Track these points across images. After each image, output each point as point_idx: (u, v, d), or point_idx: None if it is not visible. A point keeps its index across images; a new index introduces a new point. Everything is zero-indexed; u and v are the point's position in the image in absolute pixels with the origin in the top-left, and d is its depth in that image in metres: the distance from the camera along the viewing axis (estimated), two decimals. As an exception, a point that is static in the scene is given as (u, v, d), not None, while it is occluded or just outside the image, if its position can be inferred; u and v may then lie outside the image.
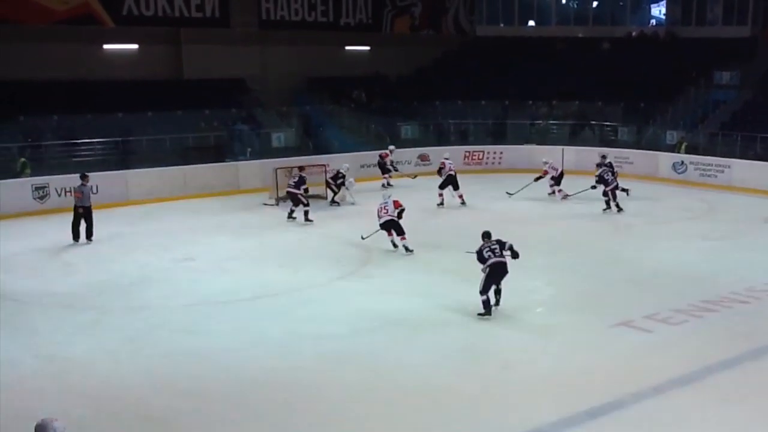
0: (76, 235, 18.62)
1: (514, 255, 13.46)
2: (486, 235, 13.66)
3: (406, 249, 17.40)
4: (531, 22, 38.39)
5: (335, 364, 11.32)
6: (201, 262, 17.16)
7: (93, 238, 18.73)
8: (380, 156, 26.82)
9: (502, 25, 37.93)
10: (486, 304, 13.17)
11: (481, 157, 30.07)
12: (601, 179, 21.94)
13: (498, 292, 13.45)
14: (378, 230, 17.91)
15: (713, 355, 11.56)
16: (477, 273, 14.93)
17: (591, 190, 22.36)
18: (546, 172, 24.01)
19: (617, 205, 21.87)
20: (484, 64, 34.18)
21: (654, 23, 37.61)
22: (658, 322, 12.91)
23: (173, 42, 30.18)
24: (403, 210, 17.84)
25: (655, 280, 15.46)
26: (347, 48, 34.49)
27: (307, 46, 32.09)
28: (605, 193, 21.91)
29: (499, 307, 13.49)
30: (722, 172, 26.01)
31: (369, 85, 33.45)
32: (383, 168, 26.57)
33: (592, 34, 36.41)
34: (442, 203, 23.10)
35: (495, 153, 30.01)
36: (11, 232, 19.97)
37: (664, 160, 27.64)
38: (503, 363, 11.37)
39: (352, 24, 34.25)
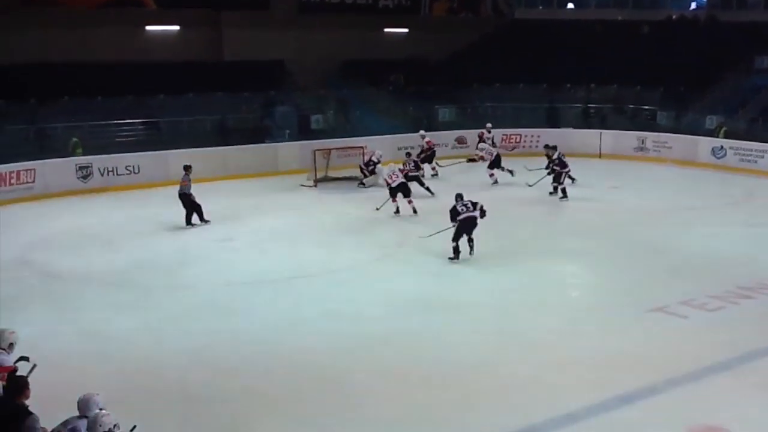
0: (188, 220, 18.91)
1: (482, 214, 15.43)
2: (459, 197, 15.76)
3: (414, 211, 19.32)
4: (570, 5, 38.08)
5: (371, 345, 11.47)
6: (240, 242, 17.43)
7: (206, 217, 19.04)
8: (479, 135, 27.16)
9: (540, 7, 37.71)
10: (455, 250, 15.42)
11: (518, 140, 30.00)
12: (561, 162, 21.74)
13: (470, 241, 15.50)
14: (388, 199, 19.42)
15: (749, 341, 11.51)
16: (509, 257, 15.12)
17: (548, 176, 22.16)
18: (482, 158, 24.07)
19: (563, 190, 21.69)
20: (522, 47, 34.00)
21: (694, 6, 37.11)
22: (694, 308, 12.87)
23: (213, 24, 30.46)
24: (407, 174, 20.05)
25: (692, 265, 15.37)
26: (385, 30, 34.49)
27: (346, 29, 32.16)
28: (557, 177, 21.75)
29: (473, 255, 15.48)
30: (762, 157, 25.65)
31: (407, 68, 33.46)
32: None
33: (631, 17, 36.03)
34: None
35: (532, 136, 29.86)
36: (55, 211, 20.43)
37: (704, 144, 27.35)
38: (538, 346, 11.45)
39: (390, 6, 34.28)
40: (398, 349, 11.33)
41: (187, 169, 19.29)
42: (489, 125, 27.65)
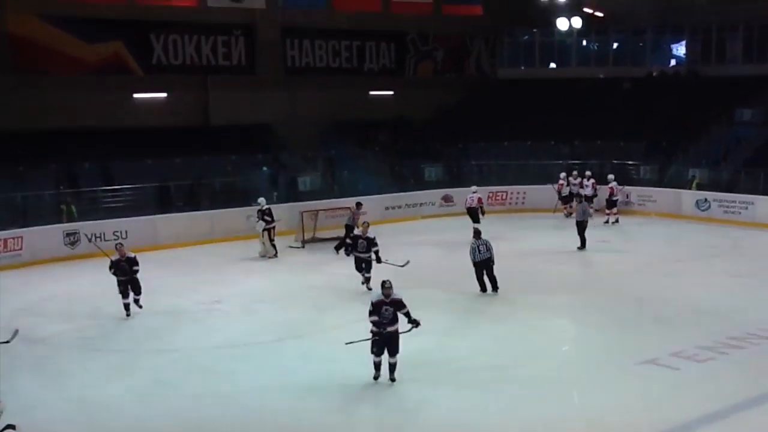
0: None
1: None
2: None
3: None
4: (552, 65, 38.65)
5: (360, 405, 11.42)
6: (228, 304, 17.37)
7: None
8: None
9: (522, 67, 38.23)
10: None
11: (504, 197, 30.18)
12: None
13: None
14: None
15: (740, 392, 11.56)
16: (499, 312, 15.14)
17: None
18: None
19: None
20: (507, 105, 34.37)
21: (674, 62, 37.73)
22: (684, 359, 12.92)
23: (201, 89, 30.74)
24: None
25: (681, 317, 15.46)
26: (371, 93, 34.86)
27: (332, 91, 32.45)
28: None
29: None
30: (746, 208, 25.96)
31: (393, 128, 33.80)
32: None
33: (613, 74, 36.57)
34: None
35: (518, 193, 30.14)
36: (43, 277, 20.36)
37: (687, 197, 27.64)
38: (527, 400, 11.42)
39: (375, 69, 34.67)
40: (387, 408, 11.27)
41: (359, 206, 22.59)
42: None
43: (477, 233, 17.75)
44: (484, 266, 17.22)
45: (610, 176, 27.60)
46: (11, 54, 26.14)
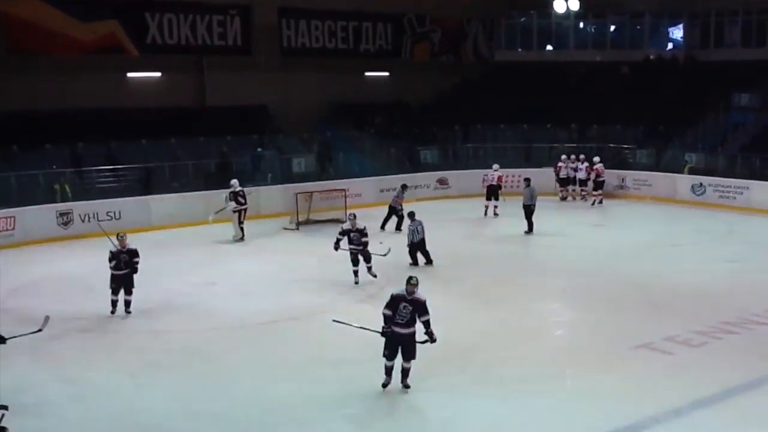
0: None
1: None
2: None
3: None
4: (549, 47, 38.49)
5: (357, 388, 11.38)
6: (222, 286, 17.33)
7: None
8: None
9: (520, 50, 38.08)
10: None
11: (500, 179, 30.07)
12: None
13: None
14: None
15: (734, 376, 11.57)
16: (496, 296, 15.10)
17: None
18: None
19: None
20: (504, 89, 34.30)
21: (672, 47, 37.62)
22: (678, 344, 12.94)
23: (196, 70, 30.54)
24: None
25: (675, 301, 15.47)
26: (367, 74, 34.69)
27: (328, 72, 32.31)
28: None
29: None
30: (741, 193, 25.99)
31: (390, 110, 33.69)
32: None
33: (610, 58, 36.48)
34: None
35: (514, 176, 30.04)
36: (36, 258, 20.30)
37: (683, 182, 27.67)
38: (523, 386, 11.39)
39: (372, 50, 34.47)
40: (383, 392, 11.23)
41: (404, 188, 23.26)
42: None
43: (411, 215, 18.76)
44: (418, 246, 18.53)
45: (596, 158, 27.71)
46: (5, 33, 25.89)
